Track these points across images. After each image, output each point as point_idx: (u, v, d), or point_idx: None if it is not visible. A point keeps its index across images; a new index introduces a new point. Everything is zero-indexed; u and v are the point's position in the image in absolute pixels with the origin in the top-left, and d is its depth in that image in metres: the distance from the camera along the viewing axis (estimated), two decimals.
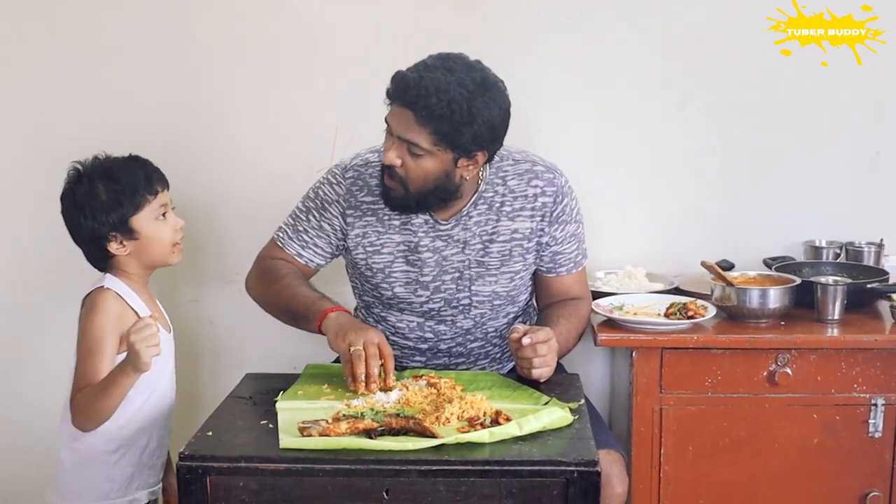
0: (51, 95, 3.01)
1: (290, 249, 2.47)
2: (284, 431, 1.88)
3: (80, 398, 2.14)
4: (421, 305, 2.42)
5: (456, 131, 2.13)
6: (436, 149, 2.16)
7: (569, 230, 2.43)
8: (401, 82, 2.12)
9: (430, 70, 2.11)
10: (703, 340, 2.49)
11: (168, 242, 2.29)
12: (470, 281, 2.39)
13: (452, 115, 2.10)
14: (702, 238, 3.00)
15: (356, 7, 2.94)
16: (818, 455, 2.54)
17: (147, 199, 2.25)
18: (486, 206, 2.36)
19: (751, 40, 2.90)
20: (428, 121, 2.11)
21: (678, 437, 2.54)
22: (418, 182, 2.21)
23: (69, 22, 2.97)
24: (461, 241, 2.37)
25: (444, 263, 2.38)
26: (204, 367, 3.11)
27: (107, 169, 2.24)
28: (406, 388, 2.10)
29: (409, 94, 2.10)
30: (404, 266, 2.39)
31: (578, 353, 2.93)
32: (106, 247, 2.23)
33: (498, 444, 1.83)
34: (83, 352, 2.17)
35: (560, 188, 2.39)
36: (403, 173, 2.20)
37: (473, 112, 2.12)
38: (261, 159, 3.03)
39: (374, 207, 2.37)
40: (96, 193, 2.21)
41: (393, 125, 2.17)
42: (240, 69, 2.99)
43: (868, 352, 2.50)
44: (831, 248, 2.94)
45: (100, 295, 2.21)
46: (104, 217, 2.21)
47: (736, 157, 3.00)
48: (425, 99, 2.09)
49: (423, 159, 2.17)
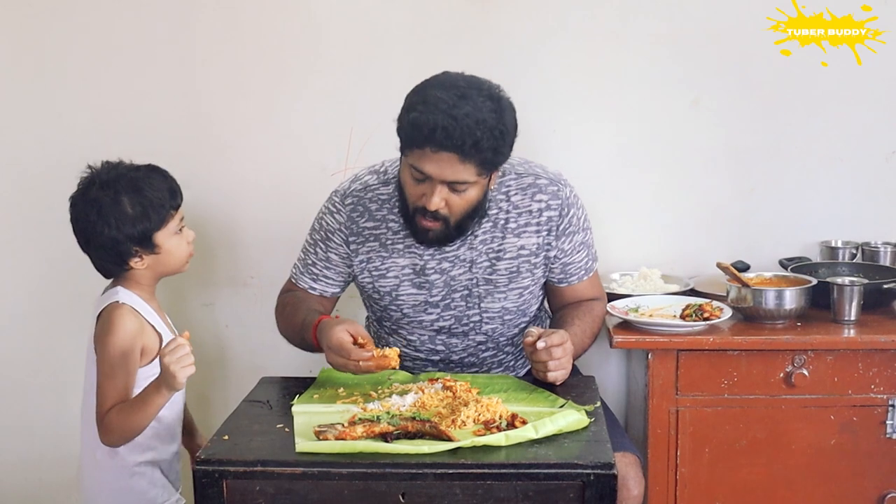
0: (61, 99, 3.03)
1: (303, 283, 2.49)
2: (301, 435, 1.88)
3: (113, 417, 2.14)
4: (431, 324, 2.42)
5: (498, 154, 2.12)
6: (479, 178, 2.14)
7: (577, 240, 2.41)
8: (435, 129, 2.03)
9: (453, 106, 2.04)
10: (718, 342, 2.48)
11: (185, 255, 2.31)
12: (479, 298, 2.38)
13: (496, 142, 2.08)
14: (717, 239, 3.00)
15: (370, 8, 2.94)
16: (835, 456, 2.53)
17: (171, 214, 2.25)
18: (491, 223, 2.34)
19: (762, 39, 2.89)
20: (475, 156, 2.06)
21: (694, 439, 2.53)
22: (461, 212, 2.19)
23: (80, 24, 2.99)
24: (468, 261, 2.35)
25: (452, 283, 2.37)
26: (219, 372, 3.12)
27: (132, 180, 2.21)
28: (422, 391, 2.10)
29: (454, 138, 2.03)
30: (411, 289, 2.38)
31: (594, 356, 2.94)
32: (127, 261, 2.22)
33: (514, 447, 1.83)
34: (107, 371, 2.16)
35: (565, 200, 2.36)
36: (447, 212, 2.17)
37: (508, 128, 2.11)
38: (275, 162, 3.04)
39: (375, 233, 2.36)
40: (122, 206, 2.18)
41: (434, 172, 2.09)
42: (253, 71, 2.99)
43: (885, 352, 2.48)
44: (847, 248, 2.93)
45: (116, 311, 2.19)
46: (130, 230, 2.19)
47: (750, 158, 2.99)
48: (471, 137, 2.03)
49: (467, 192, 2.15)
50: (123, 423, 2.13)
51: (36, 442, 3.13)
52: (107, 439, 2.17)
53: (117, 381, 2.15)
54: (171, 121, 3.02)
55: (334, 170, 2.97)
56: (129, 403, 2.13)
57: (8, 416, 3.14)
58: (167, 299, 3.02)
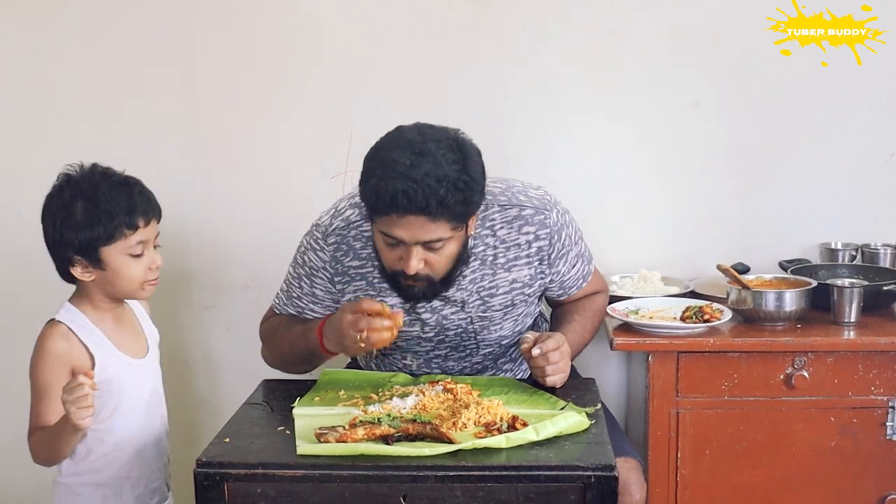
0: (60, 102, 3.03)
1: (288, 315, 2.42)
2: (301, 438, 1.88)
3: (33, 442, 2.07)
4: (426, 353, 2.38)
5: (469, 205, 2.04)
6: (454, 232, 2.06)
7: (571, 257, 2.33)
8: (396, 195, 1.95)
9: (411, 167, 1.96)
10: (719, 344, 2.49)
11: (137, 280, 2.11)
12: (475, 333, 2.32)
13: (463, 194, 1.99)
14: (717, 241, 3.00)
15: (369, 9, 2.94)
16: (836, 458, 2.53)
17: (123, 233, 2.06)
18: (479, 262, 2.24)
19: (763, 40, 2.89)
20: (443, 213, 1.99)
21: (695, 441, 2.53)
22: (443, 267, 2.13)
23: (79, 25, 2.99)
24: (459, 301, 2.26)
25: (444, 322, 2.29)
26: (220, 374, 3.12)
27: (92, 187, 2.07)
28: (422, 393, 2.09)
29: (418, 201, 1.95)
30: (403, 326, 2.18)
31: (594, 358, 2.95)
32: (67, 268, 2.09)
33: (515, 449, 1.83)
34: (33, 393, 2.08)
35: (553, 227, 2.26)
36: (429, 271, 2.11)
37: (473, 177, 2.02)
38: (275, 164, 3.04)
39: (361, 272, 2.27)
40: (72, 209, 2.05)
41: (406, 236, 2.03)
42: (252, 73, 2.99)
43: (885, 354, 2.49)
44: (847, 250, 2.93)
45: (47, 331, 2.09)
46: (72, 237, 2.05)
47: (750, 159, 2.99)
48: (435, 196, 1.96)
49: (445, 248, 2.08)
50: (41, 450, 2.08)
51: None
52: (35, 460, 2.11)
53: (42, 406, 2.06)
54: (169, 124, 3.02)
55: (334, 172, 2.97)
56: (45, 431, 2.04)
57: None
58: (167, 303, 3.03)
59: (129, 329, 2.24)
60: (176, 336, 3.09)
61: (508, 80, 2.94)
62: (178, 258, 3.03)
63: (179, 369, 3.11)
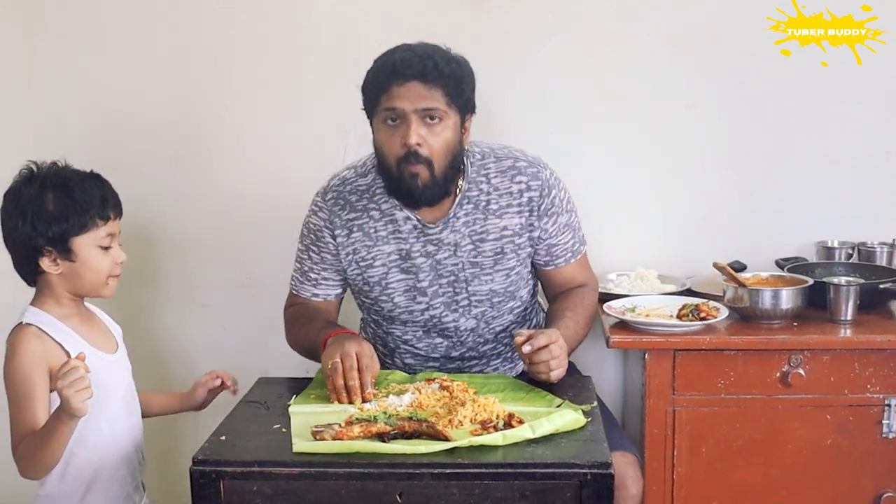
0: (58, 98, 3.03)
1: (305, 293, 2.50)
2: (298, 435, 1.89)
3: (23, 449, 2.00)
4: (422, 313, 2.42)
5: (461, 83, 2.22)
6: (449, 109, 2.21)
7: (561, 221, 2.41)
8: (398, 63, 2.19)
9: (410, 47, 2.23)
10: (715, 342, 2.49)
11: (104, 274, 2.12)
12: (466, 283, 2.39)
13: (453, 71, 2.20)
14: (713, 239, 3.00)
15: (368, 10, 2.95)
16: (832, 456, 2.53)
17: (95, 223, 2.08)
18: (472, 205, 2.35)
19: (760, 40, 2.89)
20: (437, 81, 2.18)
21: (691, 438, 2.54)
22: (441, 154, 2.23)
23: (77, 24, 2.99)
24: (452, 244, 2.36)
25: (438, 268, 2.38)
26: None
27: (63, 178, 2.09)
28: (418, 391, 2.10)
29: (414, 65, 2.18)
30: (399, 275, 2.39)
31: (591, 356, 2.95)
32: (38, 260, 2.07)
33: (511, 446, 1.84)
34: (13, 401, 2.02)
35: (545, 181, 2.38)
36: (427, 152, 2.21)
37: (464, 67, 2.25)
38: (272, 162, 3.04)
39: (358, 223, 2.39)
40: (43, 201, 2.05)
41: (405, 104, 2.19)
42: (250, 71, 3.00)
43: (881, 352, 2.49)
44: (843, 248, 2.94)
45: (18, 334, 2.06)
46: (45, 228, 2.04)
47: (747, 158, 2.99)
48: (430, 61, 2.18)
49: (440, 126, 2.21)
50: (34, 456, 1.99)
51: None
52: (23, 472, 2.03)
53: (25, 412, 2.00)
54: (167, 122, 3.02)
55: (330, 171, 2.96)
56: (35, 435, 1.97)
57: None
58: (163, 301, 3.03)
59: (96, 325, 2.23)
60: (171, 334, 3.09)
61: (506, 81, 2.94)
62: (172, 257, 3.03)
63: (175, 368, 3.11)
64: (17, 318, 2.11)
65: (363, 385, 2.07)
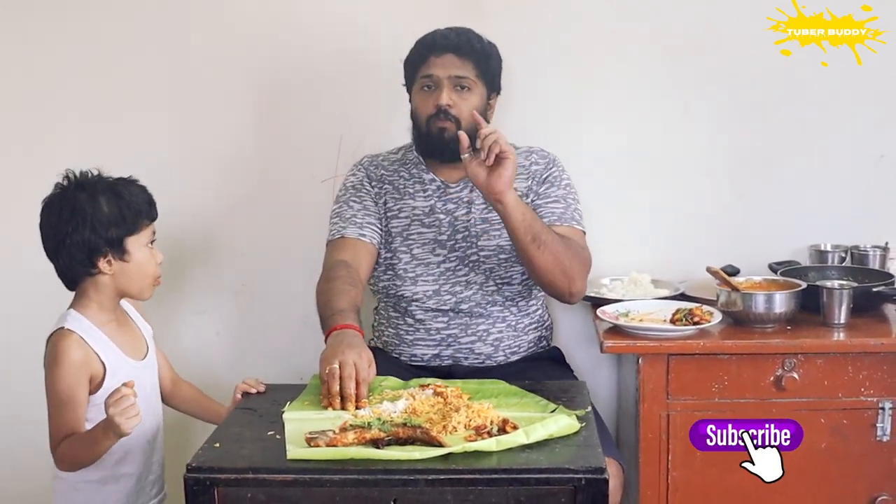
0: (51, 102, 3.03)
1: (352, 234, 2.57)
2: (292, 442, 1.88)
3: (65, 449, 2.12)
4: (437, 266, 2.57)
5: (490, 59, 2.56)
6: (477, 80, 2.53)
7: (553, 192, 2.60)
8: (437, 38, 2.55)
9: (449, 28, 2.58)
10: (709, 346, 2.49)
11: (152, 273, 2.26)
12: (476, 237, 2.57)
13: (483, 49, 2.54)
14: (707, 244, 3.00)
15: (360, 15, 2.95)
16: (826, 459, 2.53)
17: (144, 223, 2.23)
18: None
19: (752, 42, 2.90)
20: (469, 55, 2.52)
21: (686, 443, 2.53)
22: (467, 116, 2.48)
23: (70, 31, 3.00)
24: (468, 202, 2.59)
25: (455, 223, 2.58)
26: (210, 379, 3.10)
27: (111, 184, 2.21)
28: (413, 397, 2.10)
29: (450, 40, 2.53)
30: (420, 228, 2.59)
31: (585, 361, 2.96)
32: (96, 262, 2.17)
33: (505, 452, 1.83)
34: (55, 403, 2.14)
35: (552, 160, 2.67)
36: (456, 112, 2.49)
37: (493, 48, 2.59)
38: (266, 169, 3.04)
39: (389, 178, 2.65)
40: (99, 204, 2.16)
41: (439, 72, 2.51)
42: (243, 78, 3.00)
43: (875, 355, 2.49)
44: (837, 251, 2.94)
45: (62, 341, 2.15)
46: (104, 230, 2.15)
47: (740, 162, 2.99)
48: (464, 37, 2.53)
49: (469, 94, 2.52)
50: (74, 457, 2.12)
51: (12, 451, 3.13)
52: (62, 467, 2.17)
53: (66, 414, 2.13)
54: (161, 129, 3.02)
55: (324, 177, 2.97)
56: (80, 438, 2.11)
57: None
58: (159, 308, 3.02)
59: (129, 330, 2.32)
60: (166, 341, 3.08)
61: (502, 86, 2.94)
62: (169, 263, 3.01)
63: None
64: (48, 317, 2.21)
65: (358, 395, 2.07)
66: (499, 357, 2.58)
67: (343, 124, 2.97)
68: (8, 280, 3.09)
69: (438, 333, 2.57)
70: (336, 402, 2.06)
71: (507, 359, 2.59)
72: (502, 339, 2.58)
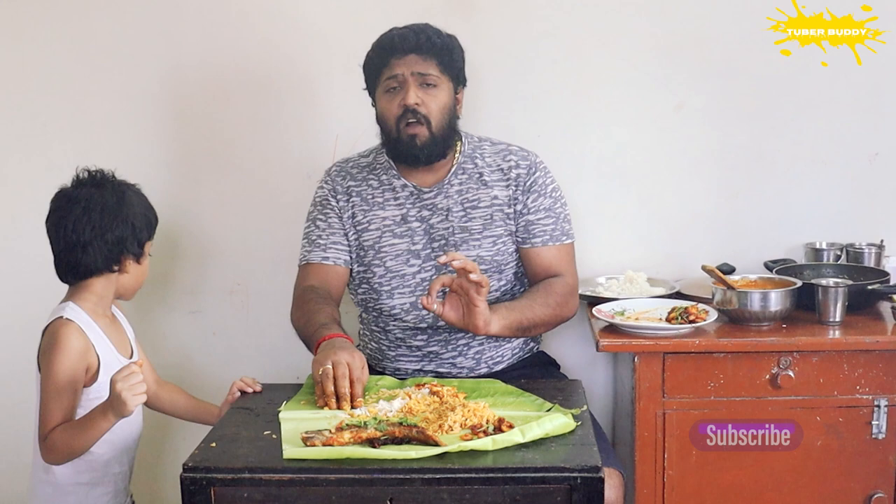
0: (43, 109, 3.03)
1: (315, 258, 2.53)
2: (288, 441, 1.88)
3: (57, 437, 2.11)
4: (413, 276, 2.49)
5: (453, 54, 2.46)
6: (442, 76, 2.44)
7: (542, 203, 2.52)
8: (395, 39, 2.43)
9: (405, 26, 2.46)
10: (704, 344, 2.49)
11: (143, 280, 2.34)
12: (455, 247, 2.49)
13: (444, 44, 2.44)
14: (702, 242, 3.01)
15: (355, 14, 2.95)
16: (822, 457, 2.54)
17: (154, 231, 2.32)
18: (466, 175, 2.53)
19: (749, 41, 2.91)
20: (431, 52, 2.42)
21: (682, 441, 2.54)
22: (437, 115, 2.43)
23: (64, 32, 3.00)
24: (444, 209, 2.50)
25: (431, 231, 2.50)
26: (206, 379, 3.11)
27: (130, 185, 2.28)
28: (409, 396, 2.10)
29: (409, 40, 2.42)
30: (392, 239, 2.51)
31: (581, 360, 2.96)
32: (123, 260, 2.23)
33: (501, 451, 1.84)
34: (51, 390, 2.13)
35: (533, 163, 2.56)
36: (425, 111, 2.42)
37: (454, 41, 2.49)
38: (261, 169, 3.04)
39: (357, 189, 2.56)
40: (133, 205, 2.24)
41: (403, 69, 2.42)
42: (238, 78, 3.00)
43: (870, 353, 2.49)
44: (832, 249, 2.95)
45: (63, 329, 2.16)
46: (139, 231, 2.24)
47: (735, 160, 3.00)
48: (425, 36, 2.42)
49: (436, 90, 2.44)
50: (67, 444, 2.11)
51: None
52: (49, 458, 2.15)
53: (63, 401, 2.13)
54: (155, 129, 3.02)
55: (319, 176, 2.96)
56: (74, 424, 2.11)
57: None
58: (154, 308, 3.02)
59: (118, 330, 2.33)
60: (161, 341, 3.08)
61: (494, 85, 2.95)
62: (163, 264, 3.02)
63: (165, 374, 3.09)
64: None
65: (353, 395, 2.07)
66: (481, 370, 2.54)
67: (337, 125, 2.97)
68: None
69: (420, 350, 2.54)
70: (332, 402, 2.06)
71: (491, 370, 2.56)
72: (483, 352, 2.55)
